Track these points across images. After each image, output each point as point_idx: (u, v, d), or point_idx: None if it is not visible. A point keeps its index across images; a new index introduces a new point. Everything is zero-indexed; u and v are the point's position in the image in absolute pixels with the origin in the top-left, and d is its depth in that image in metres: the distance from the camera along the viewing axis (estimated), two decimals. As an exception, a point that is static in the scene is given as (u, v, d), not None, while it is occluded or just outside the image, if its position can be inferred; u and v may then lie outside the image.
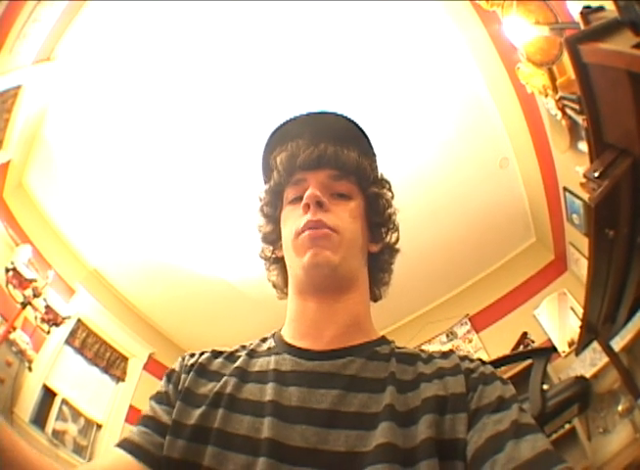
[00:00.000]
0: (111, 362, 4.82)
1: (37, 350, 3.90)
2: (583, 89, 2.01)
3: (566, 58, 2.68)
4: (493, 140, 4.30)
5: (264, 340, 0.95)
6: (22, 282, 3.67)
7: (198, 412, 0.79)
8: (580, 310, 4.12)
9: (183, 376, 0.87)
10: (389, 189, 1.03)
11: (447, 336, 5.38)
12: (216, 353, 0.91)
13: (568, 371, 3.93)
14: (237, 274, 4.77)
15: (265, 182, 1.03)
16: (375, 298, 1.00)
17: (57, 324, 4.03)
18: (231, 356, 0.90)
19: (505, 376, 0.81)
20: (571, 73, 2.81)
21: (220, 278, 4.88)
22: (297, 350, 0.86)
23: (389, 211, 1.01)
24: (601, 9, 2.13)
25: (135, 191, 4.29)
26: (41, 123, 3.77)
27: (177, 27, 3.45)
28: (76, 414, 4.27)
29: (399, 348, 0.90)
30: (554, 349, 3.52)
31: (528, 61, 2.96)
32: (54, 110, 3.73)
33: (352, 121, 1.00)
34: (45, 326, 3.94)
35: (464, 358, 0.84)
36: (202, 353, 0.92)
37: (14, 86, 3.23)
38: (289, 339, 0.90)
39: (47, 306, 3.92)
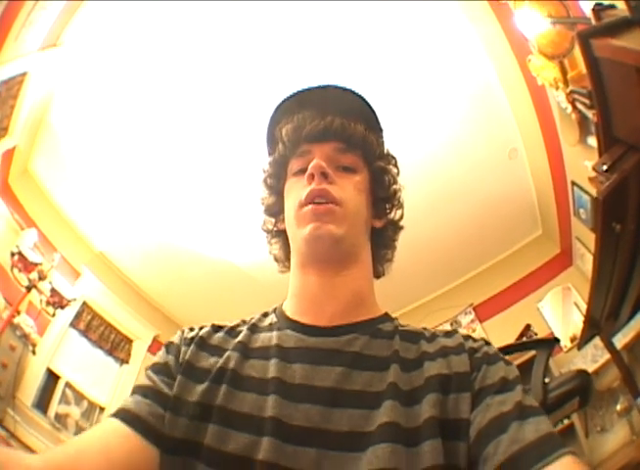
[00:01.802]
0: (115, 345, 4.86)
1: (42, 333, 3.93)
2: (594, 83, 2.01)
3: (577, 52, 2.68)
4: (503, 131, 4.28)
5: (265, 315, 0.94)
6: (27, 266, 3.69)
7: (200, 388, 0.77)
8: (584, 306, 4.12)
9: (183, 348, 0.84)
10: (395, 165, 1.02)
11: (451, 325, 5.37)
12: (217, 328, 0.90)
13: (569, 366, 3.93)
14: (243, 257, 4.78)
15: (270, 154, 1.02)
16: (378, 274, 0.99)
17: (62, 307, 4.06)
18: (232, 331, 0.89)
19: None
20: (582, 68, 2.79)
21: (226, 260, 4.89)
22: (299, 325, 0.85)
23: (395, 186, 1.00)
24: (612, 7, 2.13)
25: (141, 174, 4.29)
26: (47, 109, 3.78)
27: (183, 13, 3.42)
28: (79, 397, 4.30)
29: (403, 325, 0.89)
30: (557, 340, 3.52)
31: (540, 53, 2.95)
32: (60, 95, 3.73)
33: (360, 96, 0.99)
34: (50, 309, 3.97)
35: (467, 338, 0.83)
36: (201, 328, 0.90)
37: (20, 73, 3.23)
38: (291, 314, 0.89)
39: (52, 289, 3.94)
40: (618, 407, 3.10)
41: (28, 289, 3.68)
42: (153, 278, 5.13)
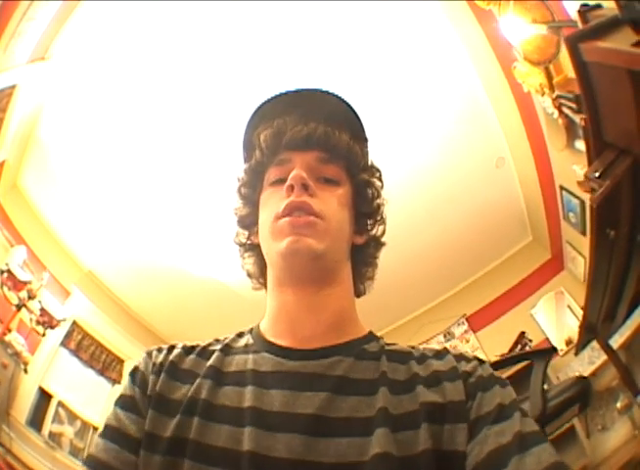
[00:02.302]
0: (106, 365, 4.78)
1: (33, 351, 3.86)
2: (584, 88, 1.99)
3: (563, 56, 2.69)
4: (489, 140, 4.30)
5: (240, 335, 0.88)
6: (16, 284, 3.63)
7: (173, 422, 0.71)
8: (577, 308, 4.17)
9: (152, 378, 0.78)
10: (380, 178, 0.96)
11: (445, 336, 5.37)
12: (188, 349, 0.83)
13: (566, 370, 3.94)
14: (232, 275, 4.75)
15: (245, 161, 0.96)
16: (359, 293, 0.92)
17: (52, 327, 4.00)
18: (204, 352, 0.82)
19: (504, 375, 0.78)
20: (567, 72, 2.81)
21: (215, 279, 4.85)
22: (277, 348, 0.79)
23: (378, 201, 0.94)
24: (599, 7, 2.12)
25: (129, 192, 4.26)
26: (36, 124, 3.73)
27: (171, 26, 3.42)
28: (73, 416, 4.23)
29: (389, 344, 0.83)
30: (554, 349, 3.52)
31: (525, 59, 2.95)
32: (49, 110, 3.70)
33: (345, 102, 0.93)
34: (40, 328, 3.91)
35: (460, 358, 0.78)
36: (170, 349, 0.83)
37: (8, 86, 3.19)
38: (268, 335, 0.82)
39: (42, 309, 3.89)
40: (619, 405, 3.09)
41: (18, 308, 3.63)
42: (142, 297, 5.07)
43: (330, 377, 0.73)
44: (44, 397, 4.00)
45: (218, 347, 0.83)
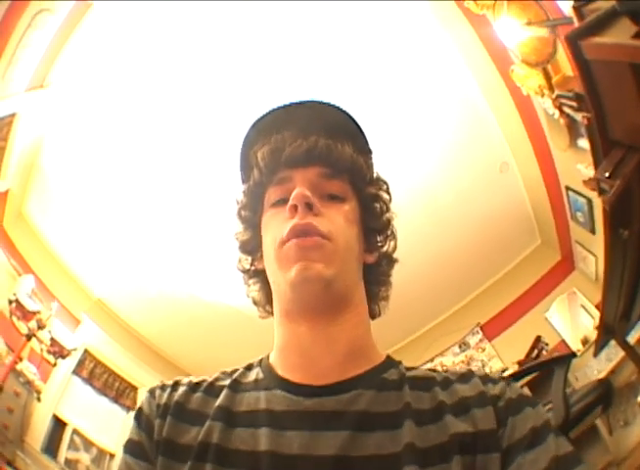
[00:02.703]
0: (120, 392, 4.78)
1: (45, 379, 3.86)
2: (587, 86, 1.96)
3: (560, 55, 2.68)
4: (492, 145, 4.29)
5: (249, 368, 0.82)
6: (25, 314, 3.63)
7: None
8: (591, 307, 4.16)
9: (157, 421, 0.73)
10: (387, 191, 0.90)
11: (460, 347, 5.33)
12: (193, 386, 0.77)
13: (584, 369, 3.90)
14: (242, 299, 4.73)
15: (244, 182, 0.90)
16: (373, 315, 0.86)
17: (63, 356, 4.00)
18: (211, 389, 0.77)
19: (525, 380, 0.73)
20: (565, 71, 2.80)
21: (225, 303, 4.82)
22: (291, 385, 0.73)
23: (387, 215, 0.88)
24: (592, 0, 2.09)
25: (136, 219, 4.27)
26: (38, 152, 3.75)
27: (168, 52, 3.46)
28: (88, 444, 4.23)
29: (409, 369, 0.78)
30: (574, 355, 3.47)
31: (523, 62, 2.95)
32: (50, 138, 3.72)
33: (346, 112, 0.88)
34: (51, 358, 3.91)
35: (486, 380, 0.73)
36: (174, 386, 0.78)
37: (8, 114, 3.21)
38: (280, 370, 0.77)
39: (52, 339, 3.88)
40: (639, 399, 3.05)
41: (28, 338, 3.62)
42: (153, 324, 5.05)
43: (350, 414, 0.68)
44: (58, 424, 4.00)
45: (227, 382, 0.78)
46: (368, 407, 0.69)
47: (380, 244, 0.87)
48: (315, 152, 0.80)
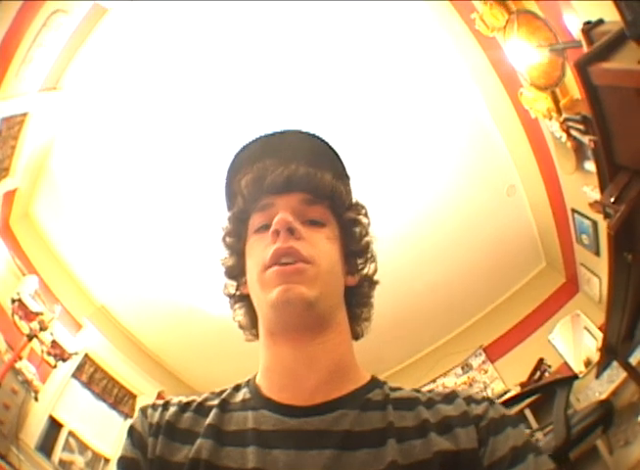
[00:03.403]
0: (119, 399, 4.77)
1: (44, 380, 3.88)
2: (594, 111, 1.98)
3: (568, 79, 2.70)
4: (499, 168, 4.31)
5: (237, 388, 0.84)
6: (27, 314, 3.64)
7: None
8: (594, 328, 4.14)
9: (150, 440, 0.75)
10: (366, 215, 0.93)
11: (462, 368, 5.33)
12: (183, 406, 0.80)
13: (586, 391, 3.88)
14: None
15: (228, 209, 0.94)
16: (356, 336, 0.89)
17: (63, 359, 3.99)
18: (201, 408, 0.79)
19: (527, 401, 0.75)
20: (573, 94, 2.82)
21: (228, 316, 4.82)
22: (277, 405, 0.76)
23: (367, 238, 0.91)
24: (600, 22, 2.12)
25: (144, 227, 4.29)
26: (48, 154, 3.79)
27: (180, 61, 3.51)
28: (83, 446, 4.23)
29: (393, 389, 0.80)
30: (575, 377, 3.47)
31: (532, 85, 2.97)
32: (60, 141, 3.76)
33: (324, 140, 0.92)
34: (52, 360, 3.91)
35: (470, 401, 0.75)
36: (165, 406, 0.80)
37: (20, 113, 3.25)
38: (266, 391, 0.79)
39: (53, 341, 3.89)
40: None
41: (30, 338, 3.63)
42: (156, 334, 5.05)
43: (335, 433, 0.70)
44: (54, 425, 4.02)
45: (215, 402, 0.80)
46: (352, 427, 0.71)
47: (360, 266, 0.90)
48: (296, 179, 0.83)
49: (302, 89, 3.71)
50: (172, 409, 0.79)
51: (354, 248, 0.89)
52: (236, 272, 0.90)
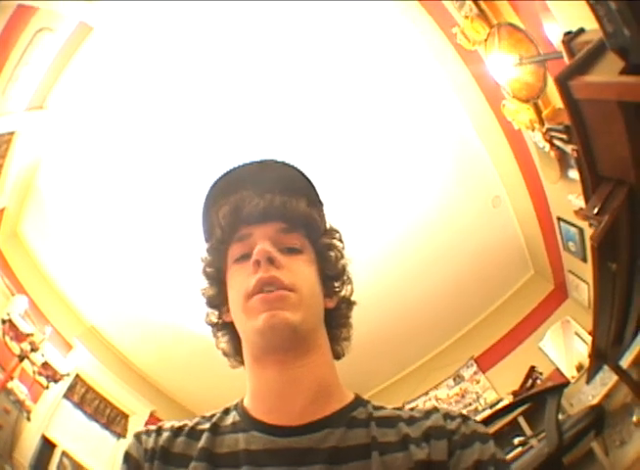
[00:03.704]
0: (111, 419, 4.73)
1: (35, 400, 3.85)
2: (575, 124, 2.01)
3: (550, 89, 2.74)
4: (484, 180, 4.36)
5: (227, 412, 0.86)
6: (18, 335, 3.62)
7: None
8: (584, 333, 4.16)
9: (147, 465, 0.77)
10: (340, 239, 0.96)
11: (454, 380, 5.33)
12: (176, 431, 0.82)
13: (579, 396, 3.88)
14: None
15: (207, 240, 0.96)
16: (337, 356, 0.92)
17: (55, 380, 3.97)
18: (193, 433, 0.81)
19: (519, 410, 0.79)
20: (555, 103, 2.86)
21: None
22: (266, 426, 0.78)
23: (342, 261, 0.94)
24: (581, 31, 2.15)
25: (133, 247, 4.28)
26: (35, 173, 3.78)
27: (166, 80, 3.53)
28: (77, 466, 4.19)
29: (376, 408, 0.83)
30: (566, 384, 3.50)
31: (514, 97, 3.00)
32: (47, 159, 3.76)
33: (297, 169, 0.94)
34: (43, 380, 3.89)
35: (446, 416, 0.79)
36: (158, 431, 0.82)
37: (7, 132, 3.25)
38: (254, 413, 0.81)
39: (45, 363, 3.87)
40: (635, 418, 3.06)
41: (21, 359, 3.61)
42: (147, 353, 5.02)
43: (323, 450, 0.73)
44: (48, 445, 3.98)
45: (207, 426, 0.82)
46: (338, 443, 0.74)
47: (337, 289, 0.93)
48: (272, 210, 0.86)
49: (287, 105, 3.74)
50: (165, 434, 0.81)
51: (331, 272, 0.91)
52: (217, 301, 0.92)
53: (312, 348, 0.82)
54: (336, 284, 0.92)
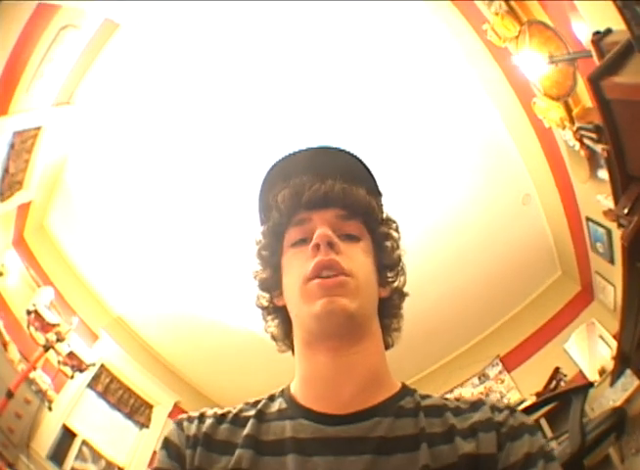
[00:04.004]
0: (135, 409, 4.80)
1: (58, 390, 3.91)
2: (607, 124, 1.99)
3: (580, 88, 2.71)
4: (515, 178, 4.31)
5: (272, 398, 0.85)
6: (44, 325, 3.68)
7: None
8: (609, 337, 4.11)
9: (188, 452, 0.77)
10: (397, 229, 0.96)
11: (479, 378, 5.31)
12: (219, 418, 0.81)
13: (600, 400, 3.85)
14: (262, 324, 4.74)
15: (263, 223, 0.95)
16: (387, 345, 0.90)
17: (81, 370, 4.03)
18: (237, 419, 0.81)
19: (543, 411, 0.78)
20: (585, 102, 2.82)
21: (247, 329, 4.82)
22: (315, 414, 0.77)
23: (398, 252, 0.94)
24: (609, 32, 2.12)
25: (160, 239, 4.32)
26: (62, 167, 3.85)
27: (193, 76, 3.55)
28: (97, 456, 4.26)
29: (423, 397, 0.82)
30: (591, 385, 3.46)
31: (545, 95, 2.97)
32: (75, 154, 3.81)
33: (357, 158, 0.94)
34: (68, 371, 3.94)
35: (494, 409, 0.77)
36: (201, 418, 0.82)
37: (33, 127, 3.30)
38: (302, 400, 0.80)
39: (71, 352, 3.92)
40: None
41: (46, 349, 3.66)
42: (172, 345, 5.08)
43: (371, 439, 0.73)
44: (68, 434, 4.06)
45: (252, 413, 0.82)
46: (386, 433, 0.73)
47: (391, 279, 0.92)
48: (333, 195, 0.86)
49: (315, 104, 3.74)
50: (209, 421, 0.80)
51: (386, 261, 0.91)
52: (270, 284, 0.91)
53: (366, 335, 0.82)
54: (390, 274, 0.92)
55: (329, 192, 0.85)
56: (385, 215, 0.95)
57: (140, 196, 4.09)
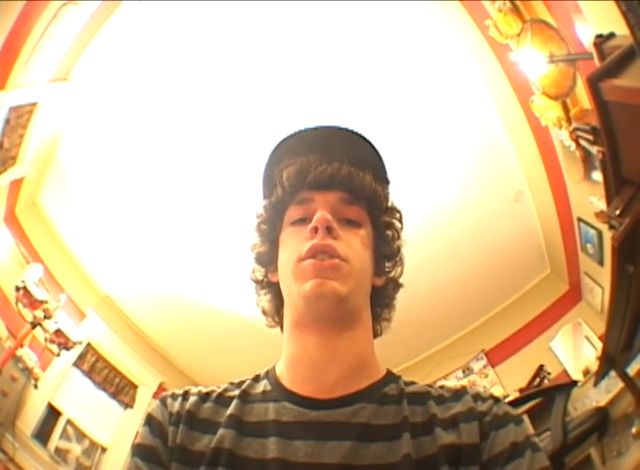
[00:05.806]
0: (119, 389, 4.80)
1: (44, 368, 3.90)
2: (604, 125, 2.00)
3: (579, 89, 2.72)
4: (508, 174, 4.32)
5: (257, 379, 0.86)
6: (32, 302, 3.66)
7: None
8: (595, 338, 4.15)
9: (171, 428, 0.76)
10: (400, 220, 0.95)
11: (463, 371, 5.33)
12: (203, 396, 0.81)
13: (583, 400, 3.89)
14: (250, 308, 4.75)
15: (265, 197, 0.94)
16: (375, 334, 0.90)
17: (67, 348, 4.02)
18: (221, 399, 0.81)
19: (525, 407, 0.77)
20: (583, 104, 2.83)
21: (233, 311, 4.84)
22: (298, 397, 0.77)
23: (398, 242, 0.93)
24: (612, 36, 2.13)
25: (150, 218, 4.31)
26: (56, 144, 3.82)
27: (196, 50, 3.53)
28: (81, 435, 4.26)
29: (408, 384, 0.82)
30: (575, 383, 3.50)
31: (543, 94, 2.97)
32: (69, 131, 3.79)
33: (369, 141, 0.92)
34: (55, 348, 3.93)
35: (477, 398, 0.77)
36: (185, 395, 0.81)
37: (29, 102, 3.26)
38: (287, 382, 0.80)
39: (58, 330, 3.91)
40: (634, 430, 3.07)
41: (33, 326, 3.65)
42: (159, 325, 5.08)
43: (353, 425, 0.73)
44: (53, 413, 4.05)
45: (236, 393, 0.82)
46: (369, 420, 0.73)
47: (388, 269, 0.92)
48: (338, 178, 0.85)
49: (314, 95, 3.73)
50: (192, 399, 0.80)
51: (385, 251, 0.91)
52: (266, 259, 0.92)
53: (356, 322, 0.82)
54: (388, 264, 0.92)
55: (334, 174, 0.85)
56: (389, 204, 0.94)
57: (132, 176, 4.07)
